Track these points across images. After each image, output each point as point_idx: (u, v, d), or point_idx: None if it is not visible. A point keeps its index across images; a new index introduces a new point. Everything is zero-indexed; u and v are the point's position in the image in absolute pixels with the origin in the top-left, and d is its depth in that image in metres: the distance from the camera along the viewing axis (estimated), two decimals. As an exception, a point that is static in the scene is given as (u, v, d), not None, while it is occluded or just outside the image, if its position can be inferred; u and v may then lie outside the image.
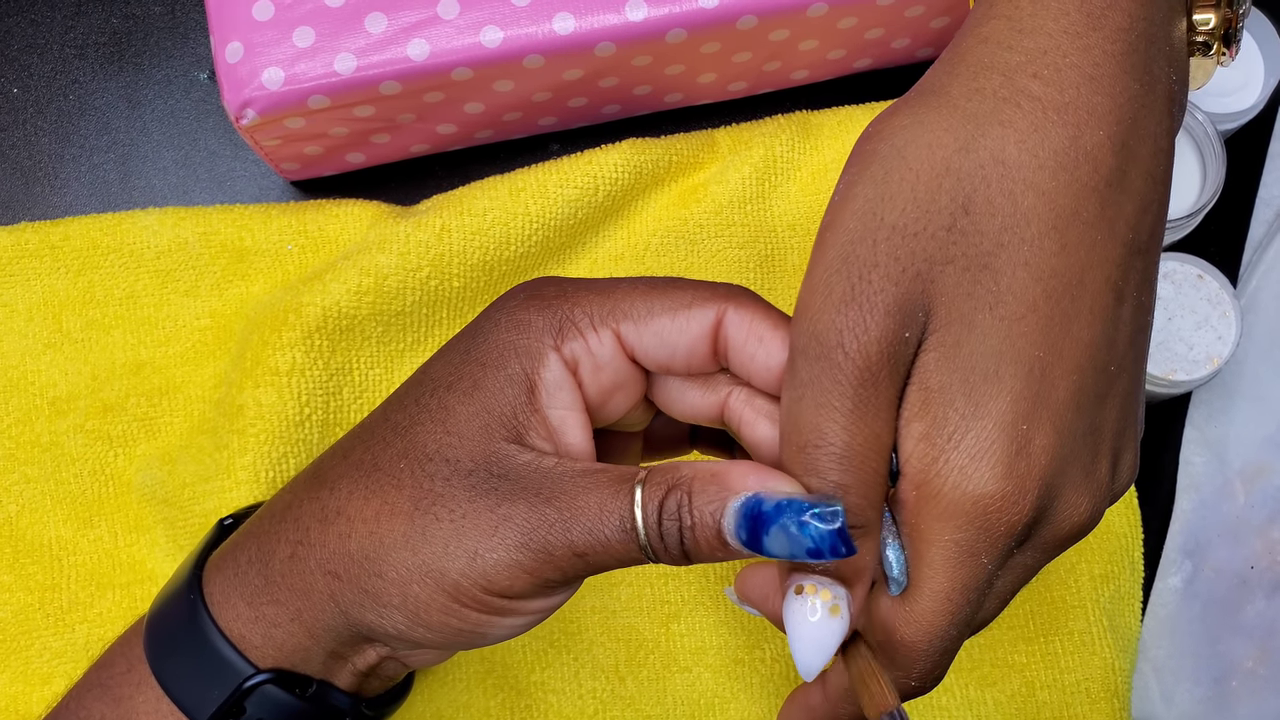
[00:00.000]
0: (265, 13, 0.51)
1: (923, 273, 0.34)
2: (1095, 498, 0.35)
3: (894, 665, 0.36)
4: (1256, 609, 0.55)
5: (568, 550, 0.33)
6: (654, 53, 0.53)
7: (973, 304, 0.34)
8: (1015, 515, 0.33)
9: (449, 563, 0.34)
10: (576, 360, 0.36)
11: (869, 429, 0.33)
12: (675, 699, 0.53)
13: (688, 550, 0.33)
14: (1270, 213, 0.60)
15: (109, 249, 0.56)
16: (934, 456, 0.33)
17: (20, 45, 0.60)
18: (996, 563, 0.34)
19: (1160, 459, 0.58)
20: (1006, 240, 0.34)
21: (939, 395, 0.34)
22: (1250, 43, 0.59)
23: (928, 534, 0.34)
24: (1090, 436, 0.35)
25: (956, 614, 0.34)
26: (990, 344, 0.33)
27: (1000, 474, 0.33)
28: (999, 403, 0.33)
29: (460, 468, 0.35)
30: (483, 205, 0.54)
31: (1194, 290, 0.56)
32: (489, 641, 0.36)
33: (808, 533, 0.32)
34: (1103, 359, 0.35)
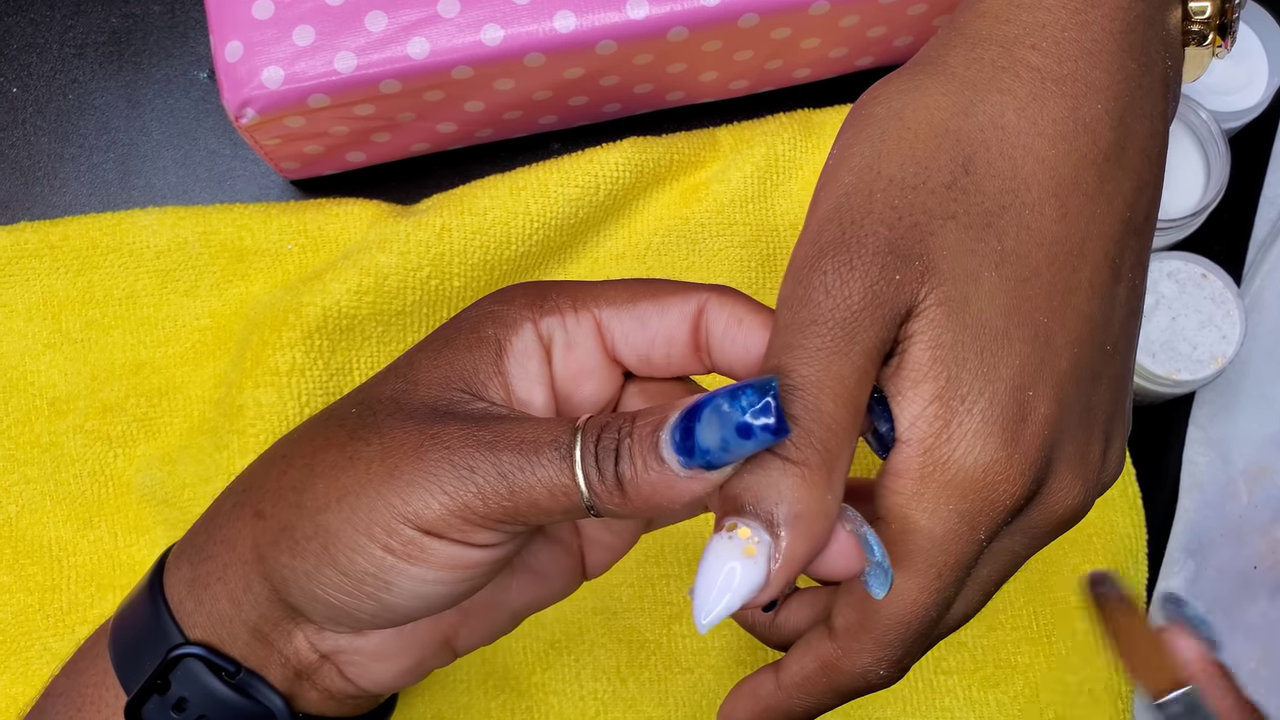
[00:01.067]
0: (265, 11, 0.51)
1: (920, 224, 0.32)
2: (1087, 481, 0.34)
3: (867, 651, 0.33)
4: (1259, 609, 0.55)
5: (494, 472, 0.31)
6: (655, 51, 0.53)
7: (978, 261, 0.32)
8: (1016, 486, 0.32)
9: (364, 485, 0.32)
10: (551, 336, 0.35)
11: (835, 370, 0.31)
12: (677, 700, 0.53)
13: (621, 474, 0.30)
14: (1274, 211, 0.60)
15: (108, 249, 0.56)
16: (947, 420, 0.32)
17: (19, 44, 0.60)
18: (989, 539, 0.33)
19: (1163, 458, 0.58)
20: (1008, 203, 0.33)
21: (951, 353, 0.32)
22: (1254, 41, 0.59)
23: (929, 504, 0.32)
24: (1085, 415, 0.34)
25: (944, 592, 0.33)
26: (999, 302, 0.32)
27: (1007, 440, 0.32)
28: (1009, 365, 0.32)
29: (405, 405, 0.33)
30: (483, 204, 0.54)
31: (1198, 289, 0.56)
32: (395, 608, 0.33)
33: (738, 404, 0.29)
34: (1100, 336, 0.34)
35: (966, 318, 0.32)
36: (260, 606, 0.35)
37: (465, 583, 0.33)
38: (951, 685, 0.54)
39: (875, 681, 0.34)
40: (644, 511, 0.31)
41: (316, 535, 0.33)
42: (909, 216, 0.32)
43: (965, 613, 0.35)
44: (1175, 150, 0.57)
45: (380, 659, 0.36)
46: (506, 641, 0.53)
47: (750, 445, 0.29)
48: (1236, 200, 0.59)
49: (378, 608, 0.33)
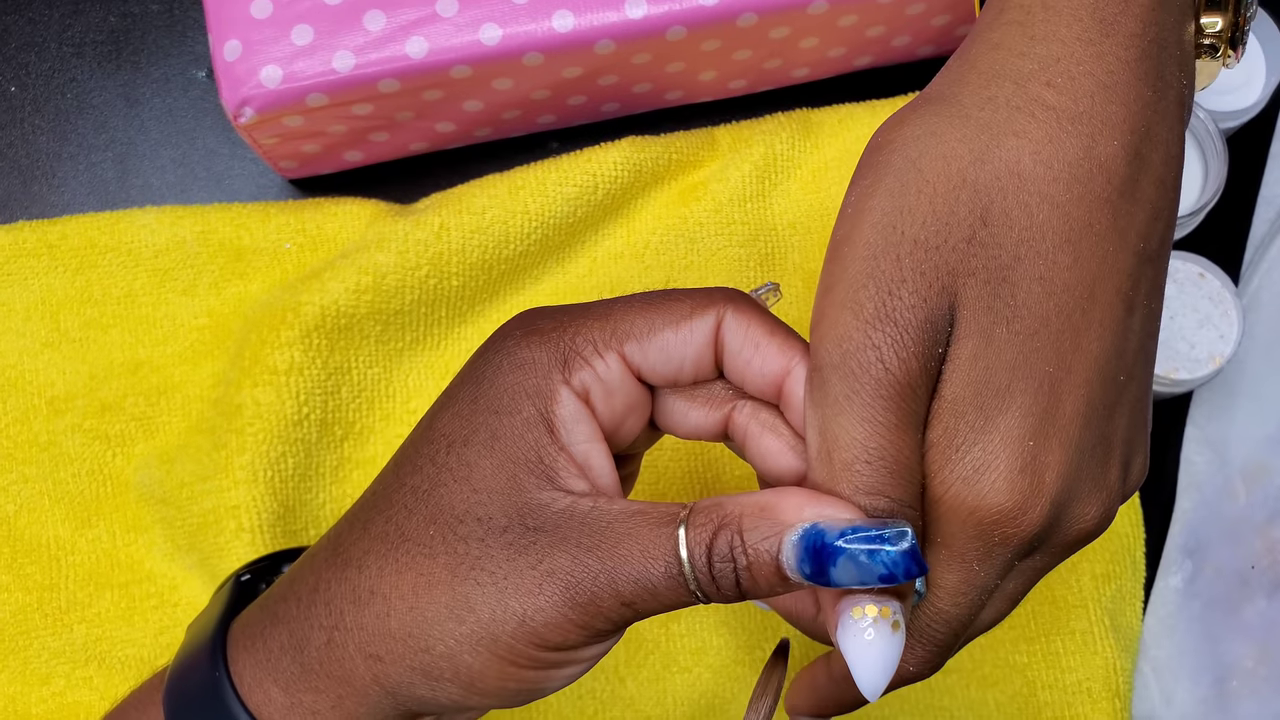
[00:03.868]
0: (263, 11, 0.51)
1: (947, 286, 0.34)
2: (1106, 504, 0.35)
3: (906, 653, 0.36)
4: (1257, 609, 0.55)
5: (615, 600, 0.32)
6: (654, 50, 0.53)
7: (991, 318, 0.34)
8: (1021, 529, 0.34)
9: (498, 628, 0.33)
10: (588, 389, 0.35)
11: (912, 441, 0.33)
12: (675, 699, 0.53)
13: (744, 589, 0.32)
14: (1272, 211, 0.60)
15: (107, 248, 0.56)
16: (940, 464, 0.34)
17: (18, 43, 0.60)
18: (996, 571, 0.34)
19: (1161, 458, 0.58)
20: (1023, 253, 0.34)
21: (950, 406, 0.34)
22: (1252, 41, 0.59)
23: (950, 532, 0.34)
24: (1099, 448, 0.35)
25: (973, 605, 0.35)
26: (1004, 358, 0.33)
27: (1004, 488, 0.33)
28: (1008, 418, 0.33)
29: (494, 525, 0.34)
30: (482, 204, 0.54)
31: (1196, 289, 0.56)
32: (546, 694, 0.35)
33: (879, 559, 0.31)
34: (1112, 369, 0.35)
35: (972, 374, 0.34)
36: (387, 718, 0.36)
37: (601, 656, 0.35)
38: (950, 684, 0.54)
39: (909, 678, 0.36)
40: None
41: (458, 676, 0.34)
42: (937, 281, 0.33)
43: (994, 619, 0.37)
44: (1173, 150, 0.57)
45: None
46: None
47: (892, 584, 0.32)
48: (1234, 200, 0.59)
49: (525, 701, 0.35)
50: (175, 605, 0.53)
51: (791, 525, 0.32)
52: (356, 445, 0.54)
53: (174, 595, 0.53)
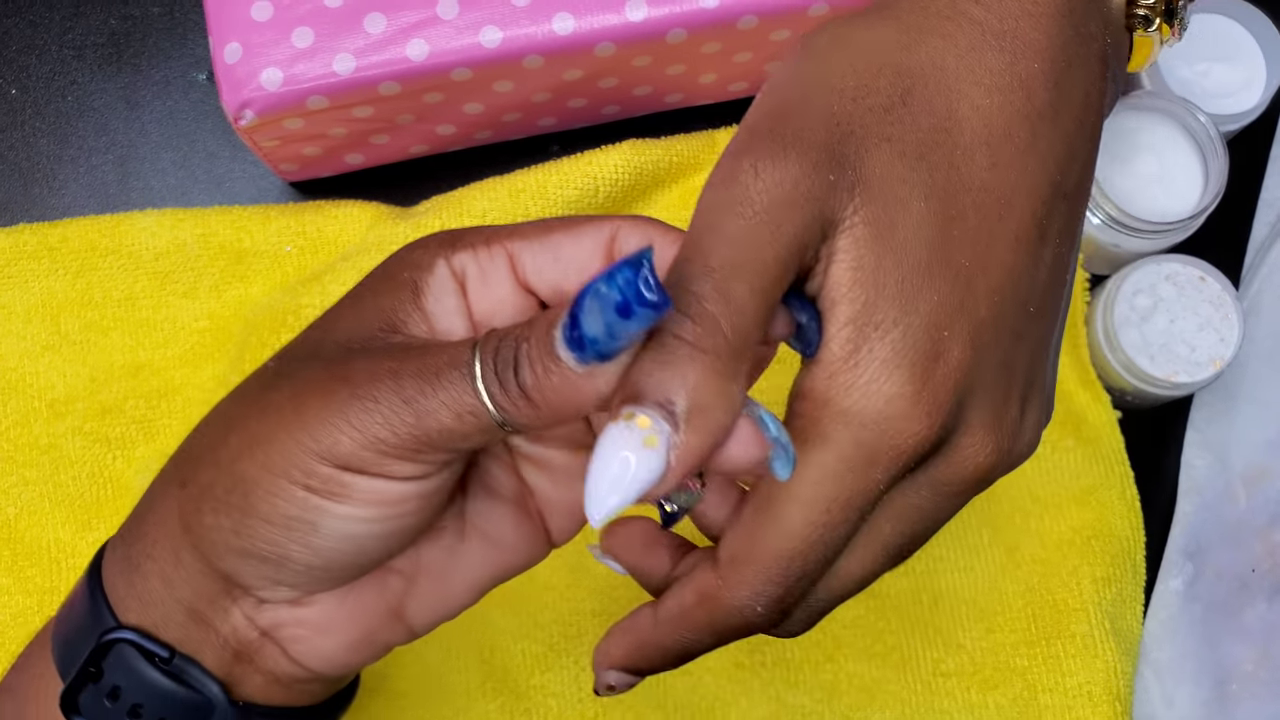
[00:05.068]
0: (264, 13, 0.51)
1: (857, 134, 0.32)
2: (1001, 441, 0.33)
3: (746, 582, 0.32)
4: (1257, 612, 0.55)
5: (398, 400, 0.30)
6: (654, 53, 0.53)
7: (909, 189, 0.31)
8: (921, 425, 0.31)
9: (276, 429, 0.31)
10: (464, 270, 0.34)
11: (753, 255, 0.30)
12: (676, 703, 0.53)
13: (525, 384, 0.29)
14: (1272, 214, 0.60)
15: (107, 251, 0.56)
16: (858, 344, 0.31)
17: (18, 46, 0.60)
18: (888, 482, 0.31)
19: (1162, 461, 0.58)
20: (941, 140, 0.32)
21: (872, 277, 0.31)
22: (1252, 43, 0.59)
23: (826, 431, 0.31)
24: (1002, 370, 0.32)
25: (832, 529, 0.31)
26: (925, 234, 0.31)
27: (916, 376, 0.31)
28: (928, 300, 0.31)
29: (320, 351, 0.33)
30: (482, 207, 0.54)
31: (1196, 292, 0.56)
32: (325, 554, 0.32)
33: (614, 284, 0.27)
34: (1023, 293, 0.33)
35: (892, 243, 0.31)
36: (193, 581, 0.33)
37: (393, 520, 0.32)
38: (950, 688, 0.54)
39: (753, 619, 0.32)
40: (556, 419, 0.30)
41: (236, 487, 0.32)
42: (846, 124, 0.32)
43: (863, 573, 0.33)
44: (1174, 152, 0.57)
45: (324, 632, 0.34)
46: (505, 643, 0.53)
47: (634, 325, 0.27)
48: (1235, 203, 0.59)
49: (309, 555, 0.32)
50: (175, 608, 0.53)
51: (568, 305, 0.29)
52: (357, 448, 0.54)
53: (174, 598, 0.53)
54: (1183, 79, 0.58)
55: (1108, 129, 0.56)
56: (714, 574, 0.32)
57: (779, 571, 0.32)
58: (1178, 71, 0.58)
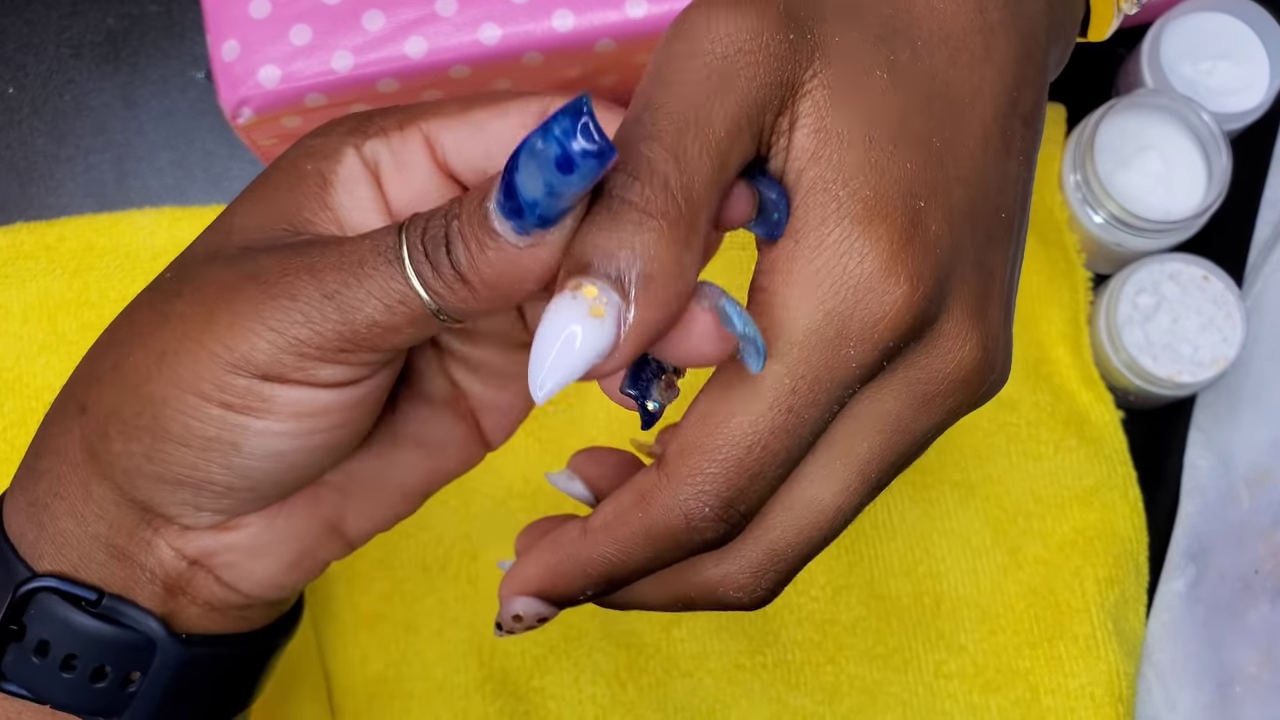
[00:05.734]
0: (262, 11, 0.51)
1: (816, 3, 0.29)
2: (985, 338, 0.29)
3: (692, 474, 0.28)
4: (1260, 613, 0.55)
5: (318, 295, 0.28)
6: (654, 50, 0.53)
7: (871, 59, 0.29)
8: (900, 295, 0.27)
9: (182, 340, 0.29)
10: (376, 159, 0.31)
11: (705, 111, 0.27)
12: (676, 705, 0.52)
13: (458, 263, 0.27)
14: (1276, 213, 0.59)
15: (105, 250, 0.56)
16: (826, 205, 0.27)
17: (15, 45, 0.60)
18: (861, 364, 0.28)
19: (1165, 462, 0.58)
20: (899, 28, 0.29)
21: (838, 138, 0.28)
22: (1255, 42, 0.58)
23: (792, 300, 0.27)
24: (979, 269, 0.29)
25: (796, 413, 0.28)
26: (893, 103, 0.28)
27: (896, 238, 0.27)
28: (900, 165, 0.28)
29: (220, 254, 0.30)
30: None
31: (1199, 292, 0.55)
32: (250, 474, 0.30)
33: (551, 136, 0.24)
34: (994, 196, 0.30)
35: (857, 106, 0.28)
36: (107, 515, 0.31)
37: (322, 433, 0.30)
38: (952, 690, 0.54)
39: (697, 523, 0.28)
40: (497, 301, 0.27)
41: (144, 409, 0.29)
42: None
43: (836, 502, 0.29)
44: (1176, 152, 0.56)
45: (256, 554, 0.32)
46: (504, 644, 0.53)
47: (577, 180, 0.25)
48: (1238, 202, 0.59)
49: (231, 477, 0.29)
50: (172, 609, 0.53)
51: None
52: (355, 448, 0.54)
53: (171, 599, 0.53)
54: (1186, 77, 0.58)
55: (1110, 128, 0.56)
56: (656, 470, 0.29)
57: (733, 461, 0.28)
58: (1181, 70, 0.58)
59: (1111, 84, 0.61)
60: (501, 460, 0.54)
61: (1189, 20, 0.58)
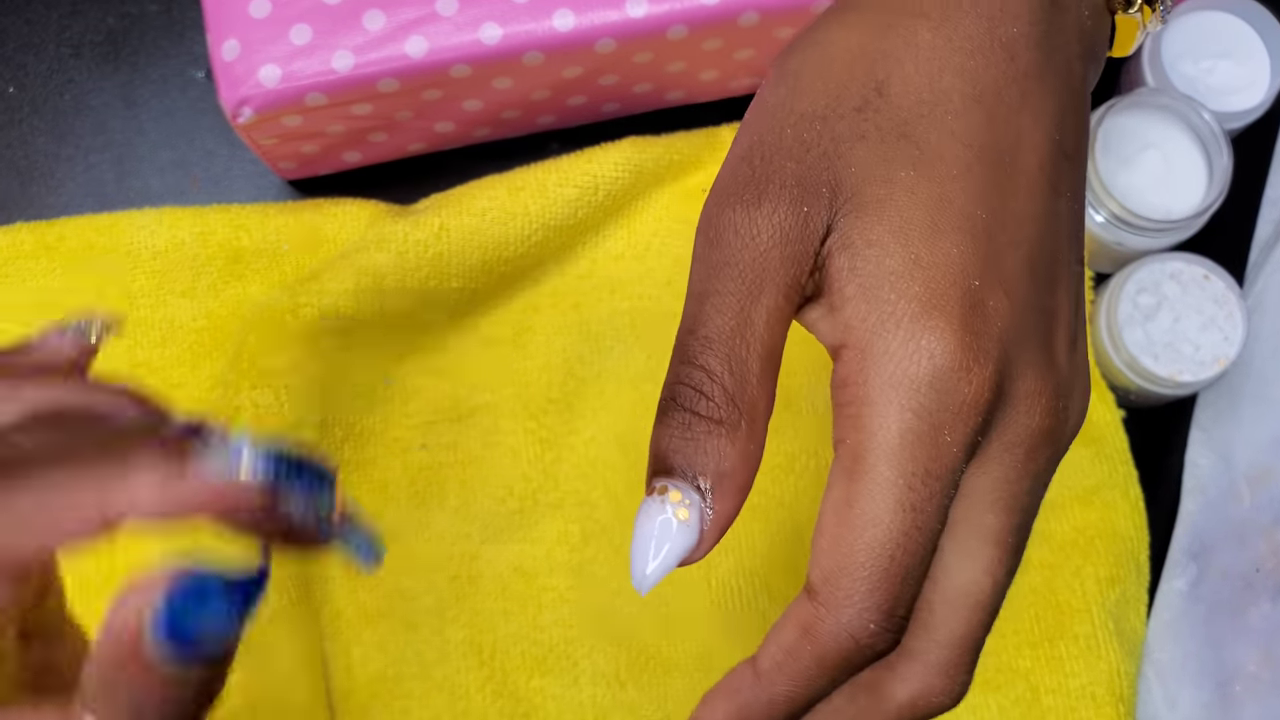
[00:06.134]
0: (262, 10, 0.51)
1: (829, 151, 0.31)
2: (1059, 389, 0.31)
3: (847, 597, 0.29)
4: (1261, 612, 0.55)
5: None
6: (655, 50, 0.53)
7: (891, 167, 0.30)
8: (976, 376, 0.29)
9: None
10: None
11: (749, 315, 0.29)
12: (676, 705, 0.52)
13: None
14: (1277, 212, 0.59)
15: (105, 249, 0.56)
16: (874, 312, 0.29)
17: (15, 44, 0.60)
18: (962, 446, 0.29)
19: (1166, 460, 0.58)
20: (926, 112, 0.31)
21: (868, 251, 0.29)
22: (1256, 41, 0.58)
23: (880, 407, 0.29)
24: (1044, 318, 0.31)
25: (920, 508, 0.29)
26: (921, 196, 0.30)
27: (957, 327, 0.29)
28: (944, 254, 0.29)
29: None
30: (481, 205, 0.54)
31: (1200, 290, 0.55)
32: None
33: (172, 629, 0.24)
34: (1050, 243, 0.31)
35: (884, 213, 0.30)
36: None
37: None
38: (952, 689, 0.54)
39: (866, 641, 0.29)
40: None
41: None
42: (817, 147, 0.31)
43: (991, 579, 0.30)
44: (1178, 150, 0.56)
45: None
46: (504, 644, 0.53)
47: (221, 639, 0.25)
48: (1239, 201, 0.59)
49: None
50: (173, 609, 0.53)
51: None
52: (355, 448, 0.54)
53: (172, 599, 0.53)
54: (1187, 76, 0.58)
55: (1111, 127, 0.56)
56: (810, 602, 0.30)
57: (880, 572, 0.29)
58: (1182, 69, 0.58)
59: (1113, 83, 0.61)
60: (502, 460, 0.54)
61: (1190, 19, 0.58)
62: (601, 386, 0.55)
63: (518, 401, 0.55)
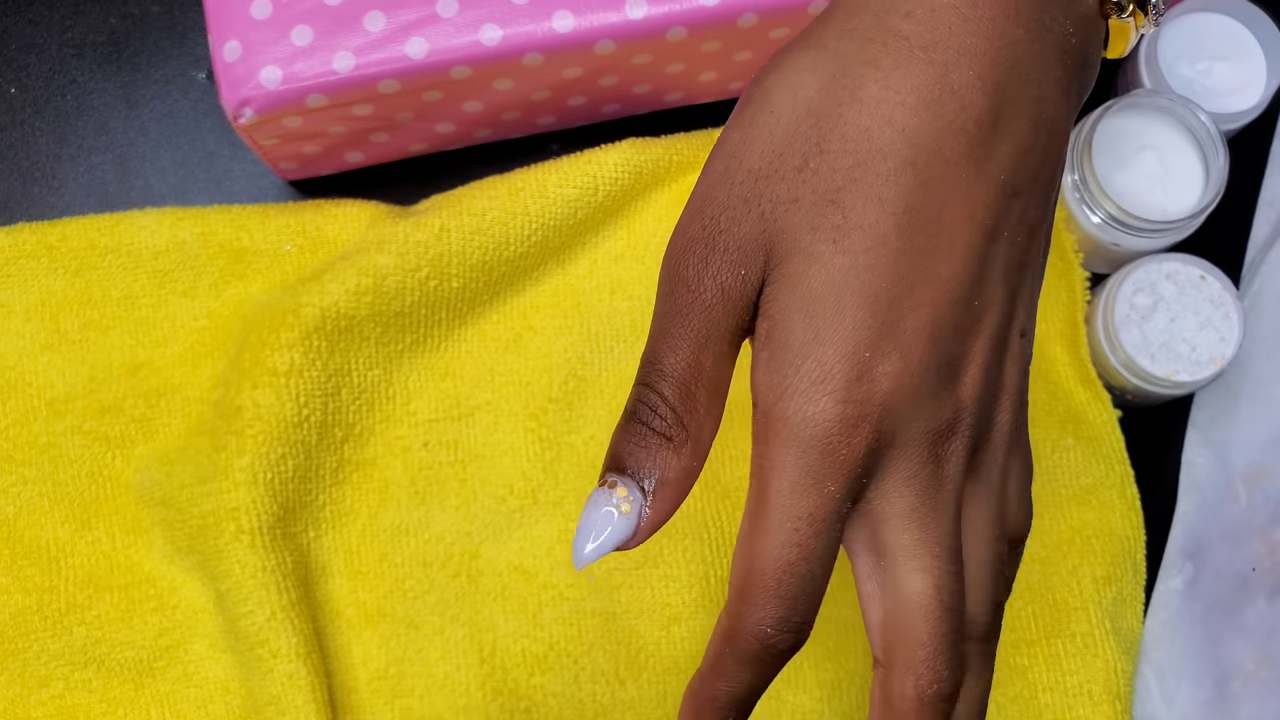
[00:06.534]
0: (263, 11, 0.51)
1: (767, 213, 0.35)
2: (955, 413, 0.35)
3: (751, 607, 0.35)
4: (1257, 611, 0.55)
5: None
6: (654, 51, 0.53)
7: (815, 238, 0.34)
8: (856, 441, 0.34)
9: None
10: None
11: (697, 357, 0.35)
12: (676, 703, 0.53)
13: None
14: (1273, 213, 0.60)
15: (106, 249, 0.56)
16: (776, 381, 0.34)
17: (18, 45, 0.60)
18: (843, 492, 0.34)
19: (1162, 460, 0.58)
20: (859, 176, 0.34)
21: (780, 323, 0.34)
22: (1252, 42, 0.59)
23: (776, 461, 0.34)
24: (947, 367, 0.35)
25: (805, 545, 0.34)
26: (832, 275, 0.34)
27: (839, 399, 0.34)
28: (840, 330, 0.34)
29: None
30: (482, 205, 0.54)
31: (1197, 291, 0.55)
32: None
33: None
34: (965, 293, 0.35)
35: (798, 291, 0.34)
36: None
37: None
38: (950, 687, 0.54)
39: (769, 642, 0.35)
40: None
41: None
42: (757, 208, 0.35)
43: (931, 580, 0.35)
44: (1174, 151, 0.57)
45: None
46: (505, 642, 0.53)
47: None
48: (1235, 202, 0.59)
49: None
50: (175, 608, 0.53)
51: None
52: (356, 447, 0.54)
53: (173, 598, 0.53)
54: (1184, 78, 0.58)
55: (1107, 128, 0.56)
56: (726, 613, 0.35)
57: (771, 591, 0.34)
58: (1179, 70, 0.58)
59: (1109, 84, 0.61)
60: (502, 459, 0.55)
61: (1186, 21, 0.59)
62: (602, 386, 0.55)
63: (518, 401, 0.55)
